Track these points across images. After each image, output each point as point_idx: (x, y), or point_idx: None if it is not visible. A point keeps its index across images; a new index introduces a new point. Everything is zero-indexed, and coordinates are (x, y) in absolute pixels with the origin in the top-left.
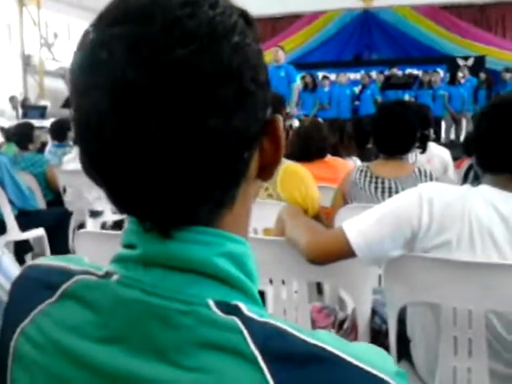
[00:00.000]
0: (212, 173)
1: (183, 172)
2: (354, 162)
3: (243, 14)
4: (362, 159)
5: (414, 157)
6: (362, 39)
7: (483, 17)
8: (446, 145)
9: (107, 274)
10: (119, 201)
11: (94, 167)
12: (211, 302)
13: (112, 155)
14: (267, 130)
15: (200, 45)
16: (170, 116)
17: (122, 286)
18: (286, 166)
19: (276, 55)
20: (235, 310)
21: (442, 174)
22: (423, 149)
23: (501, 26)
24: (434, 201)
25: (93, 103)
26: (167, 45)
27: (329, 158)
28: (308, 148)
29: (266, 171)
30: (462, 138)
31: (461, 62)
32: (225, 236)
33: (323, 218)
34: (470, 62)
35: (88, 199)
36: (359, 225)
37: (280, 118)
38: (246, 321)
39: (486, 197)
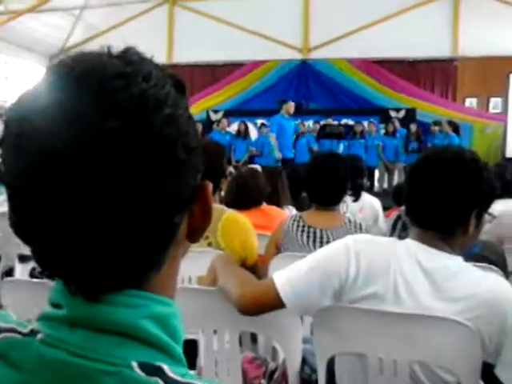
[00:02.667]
0: (141, 239)
1: (113, 241)
2: (289, 211)
3: (176, 84)
4: (298, 208)
5: (346, 207)
6: (300, 89)
7: (413, 72)
8: (379, 193)
9: (32, 333)
10: (45, 265)
11: (19, 232)
12: (135, 364)
13: (37, 224)
14: (197, 195)
15: (131, 117)
16: (100, 186)
17: (46, 345)
18: (228, 215)
19: (291, 109)
20: (158, 371)
21: (372, 222)
22: (356, 197)
23: (429, 80)
24: (360, 253)
25: (20, 172)
26: (100, 116)
27: (265, 206)
28: (244, 196)
29: (195, 234)
30: None
31: (393, 114)
32: (151, 298)
33: (261, 268)
34: (402, 113)
35: (17, 243)
36: (289, 276)
37: (209, 183)
38: (169, 381)
39: (411, 251)
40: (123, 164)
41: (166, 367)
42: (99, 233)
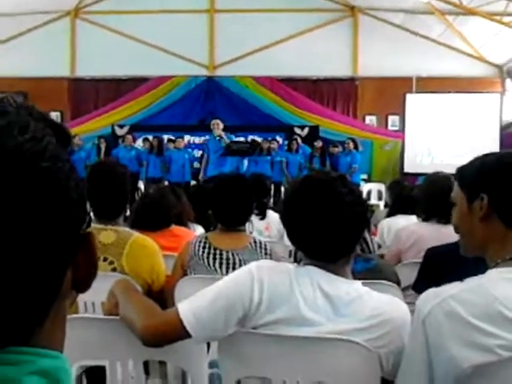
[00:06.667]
0: (23, 296)
1: None
2: (194, 229)
3: (57, 132)
4: (204, 225)
5: (251, 226)
6: (207, 105)
7: (316, 90)
8: None
9: None
10: None
11: None
12: None
13: None
14: (82, 246)
15: (5, 174)
16: None
17: None
18: (135, 239)
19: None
20: None
21: (278, 239)
22: (262, 216)
23: (332, 99)
24: (264, 280)
25: None
26: None
27: (173, 227)
28: (151, 217)
29: (82, 284)
30: None
31: (297, 131)
32: (36, 353)
33: (167, 292)
34: (306, 131)
35: None
36: (193, 306)
37: (94, 233)
38: None
39: (313, 277)
40: None
41: None
42: None
